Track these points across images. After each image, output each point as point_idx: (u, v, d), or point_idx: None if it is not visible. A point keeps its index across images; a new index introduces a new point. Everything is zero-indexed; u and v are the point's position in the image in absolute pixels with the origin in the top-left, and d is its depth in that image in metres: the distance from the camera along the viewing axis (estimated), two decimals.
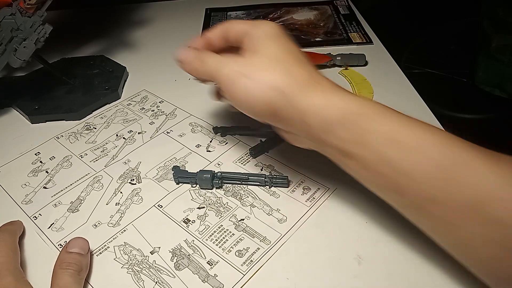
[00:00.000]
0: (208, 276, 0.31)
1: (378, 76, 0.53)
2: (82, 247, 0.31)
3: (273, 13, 0.72)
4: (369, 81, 0.52)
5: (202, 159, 0.41)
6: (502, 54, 1.29)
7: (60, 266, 0.29)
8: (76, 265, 0.29)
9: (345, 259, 0.31)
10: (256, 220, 0.35)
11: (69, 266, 0.29)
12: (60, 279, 0.28)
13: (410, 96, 0.50)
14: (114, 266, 0.32)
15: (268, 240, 0.33)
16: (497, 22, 1.27)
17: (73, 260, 0.30)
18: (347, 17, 0.69)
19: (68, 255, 0.30)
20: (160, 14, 0.75)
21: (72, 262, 0.30)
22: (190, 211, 0.36)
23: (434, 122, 0.45)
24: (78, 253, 0.30)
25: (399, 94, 0.50)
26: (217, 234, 0.34)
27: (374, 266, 0.31)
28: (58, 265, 0.29)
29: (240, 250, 0.32)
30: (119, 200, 0.37)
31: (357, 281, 0.30)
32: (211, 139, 0.44)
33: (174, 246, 0.33)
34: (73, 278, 0.29)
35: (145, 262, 0.32)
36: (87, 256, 0.31)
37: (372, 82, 0.52)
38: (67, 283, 0.28)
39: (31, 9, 0.44)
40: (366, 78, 0.53)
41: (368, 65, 0.56)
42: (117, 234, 0.34)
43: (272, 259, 0.32)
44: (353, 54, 0.55)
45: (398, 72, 0.55)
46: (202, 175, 0.37)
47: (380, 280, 0.30)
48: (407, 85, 0.52)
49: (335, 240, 0.33)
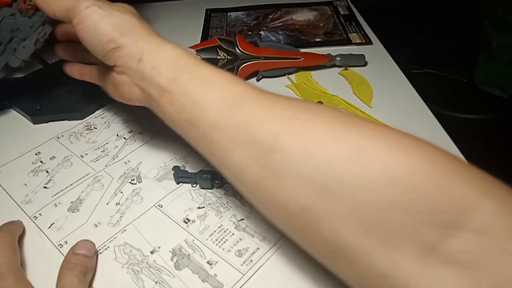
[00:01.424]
0: (208, 276, 0.31)
1: (377, 77, 0.53)
2: (89, 249, 0.32)
3: (273, 13, 0.72)
4: (369, 81, 0.52)
5: (202, 159, 0.41)
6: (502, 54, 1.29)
7: (66, 267, 0.30)
8: (82, 266, 0.30)
9: None
10: (256, 220, 0.35)
11: (75, 267, 0.30)
12: (66, 279, 0.29)
13: (410, 96, 0.50)
14: (114, 266, 0.32)
15: (267, 240, 0.33)
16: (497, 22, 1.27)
17: (79, 261, 0.30)
18: (347, 17, 0.69)
19: (74, 256, 0.31)
20: (160, 14, 0.75)
21: (79, 264, 0.30)
22: (190, 211, 0.36)
23: (434, 122, 0.45)
24: (84, 255, 0.31)
25: (399, 94, 0.50)
26: (217, 234, 0.34)
27: None
28: (65, 266, 0.30)
29: (240, 250, 0.33)
30: (120, 200, 0.37)
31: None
32: None
33: (174, 246, 0.33)
34: (79, 279, 0.29)
35: (145, 262, 0.32)
36: (94, 259, 0.32)
37: (372, 82, 0.52)
38: (72, 283, 0.28)
39: (31, 9, 0.44)
40: (366, 79, 0.53)
41: (368, 65, 0.56)
42: (117, 234, 0.34)
43: (272, 259, 0.32)
44: (353, 55, 0.55)
45: (398, 72, 0.55)
46: (203, 175, 0.37)
47: None
48: (407, 85, 0.52)
49: None
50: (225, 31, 0.67)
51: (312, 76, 0.54)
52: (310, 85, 0.52)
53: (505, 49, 1.27)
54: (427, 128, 0.44)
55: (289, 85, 0.53)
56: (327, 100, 0.49)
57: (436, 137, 0.43)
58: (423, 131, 0.43)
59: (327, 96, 0.50)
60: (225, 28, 0.68)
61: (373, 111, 0.47)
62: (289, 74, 0.53)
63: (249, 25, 0.69)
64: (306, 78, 0.54)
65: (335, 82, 0.53)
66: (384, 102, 0.49)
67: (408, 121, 0.45)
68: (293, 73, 0.54)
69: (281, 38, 0.64)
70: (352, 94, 0.50)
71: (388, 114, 0.46)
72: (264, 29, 0.67)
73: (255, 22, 0.70)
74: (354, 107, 0.48)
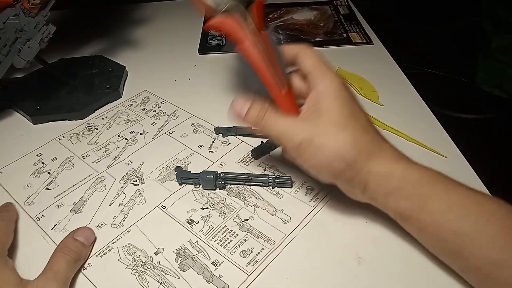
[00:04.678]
0: (213, 277, 0.31)
1: (378, 76, 0.53)
2: (87, 238, 0.33)
3: (273, 13, 0.72)
4: (369, 81, 0.52)
5: (204, 159, 0.42)
6: (502, 54, 1.29)
7: (60, 250, 0.31)
8: (76, 253, 0.31)
9: (345, 259, 0.32)
10: (260, 221, 0.35)
11: (69, 252, 0.30)
12: (56, 262, 0.30)
13: (410, 96, 0.50)
14: (118, 267, 0.32)
15: (272, 240, 0.33)
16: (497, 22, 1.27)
17: (75, 248, 0.31)
18: (347, 17, 0.69)
19: (72, 241, 0.32)
20: (160, 14, 0.75)
21: (73, 250, 0.31)
22: (194, 211, 0.36)
23: (434, 122, 0.45)
24: (81, 243, 0.32)
25: (399, 94, 0.50)
26: (221, 235, 0.34)
27: (374, 266, 0.31)
28: (60, 248, 0.31)
29: (244, 251, 0.33)
30: (122, 201, 0.38)
31: (357, 281, 0.30)
32: (214, 140, 0.44)
33: (178, 247, 0.33)
34: (68, 265, 0.30)
35: (150, 263, 0.32)
36: (88, 248, 0.33)
37: (372, 82, 0.52)
38: (60, 268, 0.29)
39: (35, 9, 0.44)
40: (363, 77, 0.53)
41: (368, 65, 0.56)
42: (121, 235, 0.34)
43: (277, 260, 0.32)
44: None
45: (398, 72, 0.55)
46: (205, 176, 0.37)
47: (380, 280, 0.30)
48: (407, 85, 0.52)
49: (335, 240, 0.33)
50: None
51: None
52: None
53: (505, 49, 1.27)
54: (427, 128, 0.44)
55: None
56: None
57: (436, 137, 0.43)
58: (423, 131, 0.44)
59: None
60: None
61: (373, 111, 0.47)
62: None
63: None
64: None
65: None
66: (385, 102, 0.49)
67: (409, 121, 0.45)
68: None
69: (281, 38, 0.64)
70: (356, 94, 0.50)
71: (389, 114, 0.46)
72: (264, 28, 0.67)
73: None
74: None
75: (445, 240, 0.28)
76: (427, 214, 0.28)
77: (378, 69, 0.55)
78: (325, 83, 0.31)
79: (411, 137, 0.43)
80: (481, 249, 0.26)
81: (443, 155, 0.41)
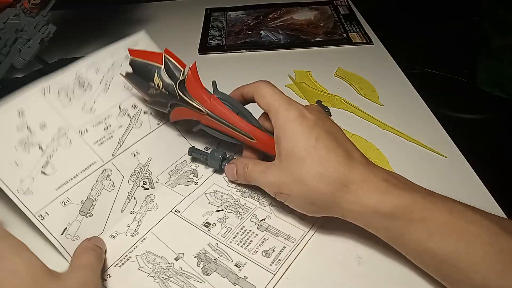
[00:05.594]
0: (238, 279, 0.30)
1: (378, 76, 0.53)
2: (102, 244, 0.33)
3: (273, 13, 0.72)
4: (369, 81, 0.52)
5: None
6: (502, 54, 1.29)
7: (85, 248, 0.31)
8: (98, 254, 0.31)
9: (345, 259, 0.32)
10: (277, 219, 0.35)
11: (94, 250, 0.31)
12: (86, 257, 0.30)
13: (410, 96, 0.50)
14: (140, 276, 0.31)
15: (292, 238, 0.33)
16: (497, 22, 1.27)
17: (96, 248, 0.31)
18: (347, 17, 0.69)
19: (91, 245, 0.32)
20: (160, 14, 0.75)
21: (97, 250, 0.31)
22: (209, 214, 0.36)
23: (434, 122, 0.45)
24: (98, 247, 0.32)
25: (399, 94, 0.50)
26: (240, 236, 0.34)
27: (374, 266, 0.31)
28: (84, 248, 0.31)
29: (266, 250, 0.32)
30: (134, 208, 0.36)
31: (357, 281, 0.30)
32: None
33: (199, 251, 0.33)
34: (97, 260, 0.30)
35: (171, 269, 0.31)
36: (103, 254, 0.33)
37: (372, 82, 0.52)
38: (91, 260, 0.29)
39: (35, 9, 0.44)
40: (363, 77, 0.53)
41: (368, 65, 0.56)
42: (137, 243, 0.34)
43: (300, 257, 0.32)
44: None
45: (398, 72, 0.55)
46: (214, 153, 0.38)
47: (380, 280, 0.30)
48: (407, 85, 0.52)
49: (335, 240, 0.33)
50: (225, 31, 0.67)
51: (312, 76, 0.54)
52: (311, 85, 0.52)
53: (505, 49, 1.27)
54: (427, 128, 0.44)
55: (289, 84, 0.53)
56: (327, 99, 0.49)
57: (436, 137, 0.43)
58: (423, 131, 0.44)
59: (327, 96, 0.50)
60: (225, 27, 0.69)
61: (373, 111, 0.47)
62: (235, 143, 0.37)
63: (249, 24, 0.69)
64: (307, 77, 0.54)
65: (335, 82, 0.53)
66: (384, 102, 0.49)
67: (409, 121, 0.45)
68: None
69: (281, 38, 0.64)
70: (356, 94, 0.51)
71: (389, 114, 0.46)
72: (264, 28, 0.67)
73: (255, 22, 0.70)
74: (355, 106, 0.48)
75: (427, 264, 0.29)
76: (408, 242, 0.28)
77: (378, 69, 0.55)
78: (280, 121, 0.32)
79: (411, 137, 0.43)
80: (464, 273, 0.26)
81: (443, 155, 0.41)
